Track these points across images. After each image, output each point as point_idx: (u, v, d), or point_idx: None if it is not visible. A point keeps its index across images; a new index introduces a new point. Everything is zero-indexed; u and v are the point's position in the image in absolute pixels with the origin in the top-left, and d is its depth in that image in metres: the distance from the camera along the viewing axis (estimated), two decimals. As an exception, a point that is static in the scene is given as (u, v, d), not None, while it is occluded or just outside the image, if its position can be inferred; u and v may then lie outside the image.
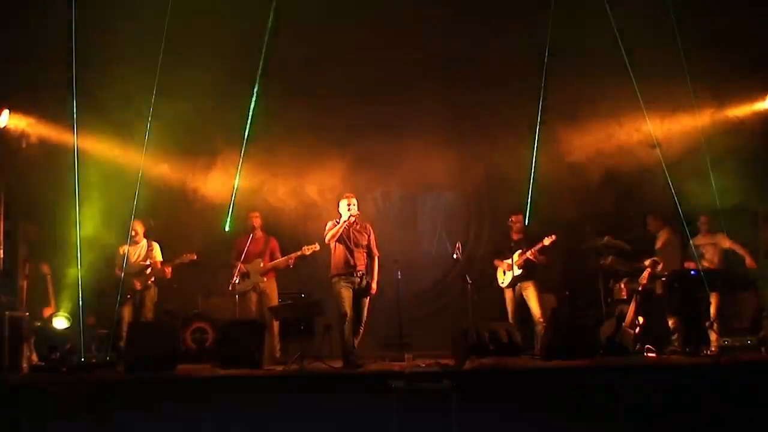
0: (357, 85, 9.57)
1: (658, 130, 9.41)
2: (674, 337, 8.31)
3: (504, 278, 8.75)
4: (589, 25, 8.52)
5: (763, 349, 7.71)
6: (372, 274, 7.82)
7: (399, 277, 8.70)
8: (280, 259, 8.80)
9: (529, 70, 9.06)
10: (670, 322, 8.35)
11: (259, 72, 8.88)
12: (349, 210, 7.72)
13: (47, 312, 8.76)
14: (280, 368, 7.55)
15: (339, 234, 7.69)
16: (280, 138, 9.60)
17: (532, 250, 8.49)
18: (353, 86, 9.59)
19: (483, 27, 9.19)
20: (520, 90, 9.27)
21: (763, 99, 9.36)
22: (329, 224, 7.82)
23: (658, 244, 8.83)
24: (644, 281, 8.49)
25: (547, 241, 8.45)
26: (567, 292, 9.63)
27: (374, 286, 7.80)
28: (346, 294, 7.58)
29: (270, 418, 6.33)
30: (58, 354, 7.69)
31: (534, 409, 6.33)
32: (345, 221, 7.70)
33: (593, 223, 9.71)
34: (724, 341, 7.64)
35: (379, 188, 10.11)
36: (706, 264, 8.51)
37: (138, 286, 8.72)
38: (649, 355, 8.06)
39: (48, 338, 8.14)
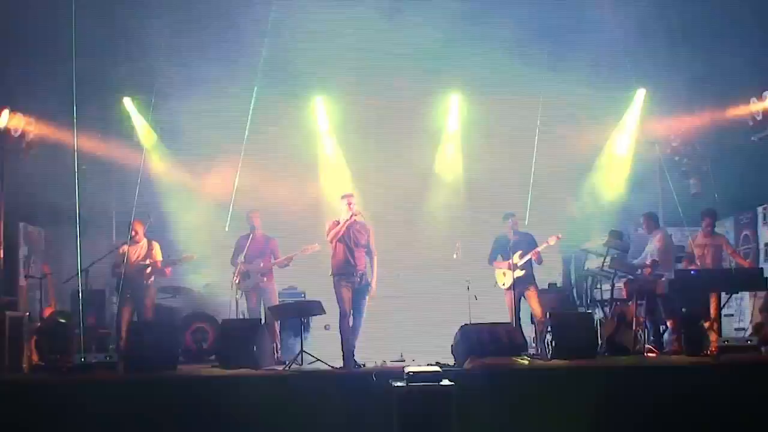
0: (358, 85, 9.57)
1: (658, 129, 9.43)
2: (674, 337, 8.31)
3: (504, 279, 8.73)
4: (589, 25, 8.53)
5: (763, 349, 7.71)
6: (371, 273, 7.81)
7: (399, 277, 8.69)
8: (280, 259, 8.79)
9: (529, 69, 9.07)
10: (669, 323, 8.34)
11: (259, 72, 8.88)
12: (350, 209, 7.71)
13: (47, 312, 8.76)
14: (280, 368, 7.55)
15: (341, 233, 7.68)
16: (279, 138, 9.61)
17: (536, 250, 8.47)
18: (354, 86, 9.60)
19: (483, 25, 9.20)
20: (520, 90, 9.28)
21: (763, 99, 9.37)
22: (329, 224, 7.81)
23: (654, 244, 8.82)
24: (645, 281, 8.48)
25: (552, 241, 8.43)
26: (567, 293, 9.63)
27: (374, 285, 7.80)
28: (346, 294, 7.57)
29: (269, 418, 6.32)
30: (58, 354, 7.70)
31: (534, 409, 6.33)
32: (348, 219, 7.68)
33: (593, 223, 9.71)
34: (724, 341, 7.64)
35: (380, 188, 10.10)
36: (706, 265, 8.51)
37: (138, 285, 8.72)
38: (649, 355, 8.06)
39: (48, 338, 8.14)
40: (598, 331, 8.23)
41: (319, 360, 7.63)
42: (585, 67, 9.03)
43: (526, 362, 7.07)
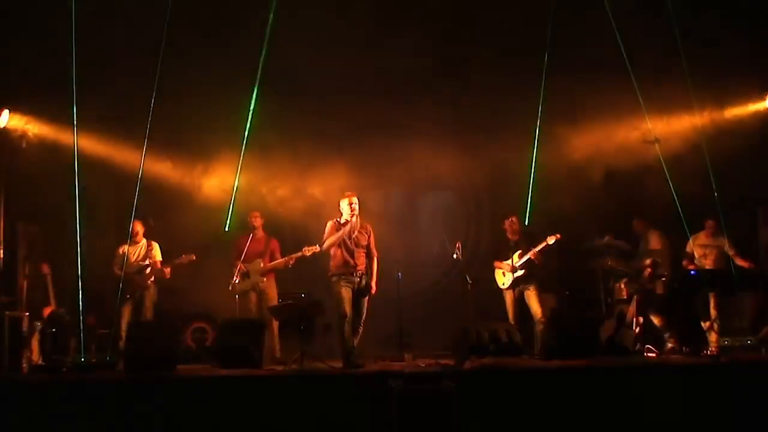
0: (358, 86, 9.57)
1: (658, 128, 9.42)
2: (667, 335, 8.28)
3: (504, 279, 8.73)
4: (588, 25, 8.53)
5: (763, 349, 7.71)
6: (371, 273, 7.80)
7: (399, 277, 8.68)
8: (280, 260, 8.79)
9: (529, 70, 9.06)
10: (656, 320, 8.32)
11: (260, 72, 8.88)
12: (351, 209, 7.67)
13: (47, 312, 8.76)
14: (280, 368, 7.55)
15: (341, 238, 7.64)
16: (280, 138, 9.61)
17: (535, 249, 8.47)
18: (355, 87, 9.60)
19: (483, 26, 9.20)
20: (521, 90, 9.28)
21: (763, 99, 9.37)
22: (329, 224, 7.78)
23: (649, 245, 8.81)
24: (645, 281, 8.48)
25: (551, 240, 8.42)
26: (567, 292, 9.62)
27: (374, 285, 7.78)
28: (346, 294, 7.56)
29: (269, 418, 6.32)
30: (58, 354, 7.70)
31: (534, 409, 6.33)
32: (346, 229, 7.64)
33: (593, 223, 9.71)
34: (724, 341, 7.64)
35: (380, 188, 10.10)
36: (706, 265, 8.51)
37: (138, 286, 8.72)
38: (649, 355, 8.06)
39: (48, 338, 8.15)
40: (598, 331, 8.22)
41: (319, 360, 7.63)
42: (585, 66, 9.03)
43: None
